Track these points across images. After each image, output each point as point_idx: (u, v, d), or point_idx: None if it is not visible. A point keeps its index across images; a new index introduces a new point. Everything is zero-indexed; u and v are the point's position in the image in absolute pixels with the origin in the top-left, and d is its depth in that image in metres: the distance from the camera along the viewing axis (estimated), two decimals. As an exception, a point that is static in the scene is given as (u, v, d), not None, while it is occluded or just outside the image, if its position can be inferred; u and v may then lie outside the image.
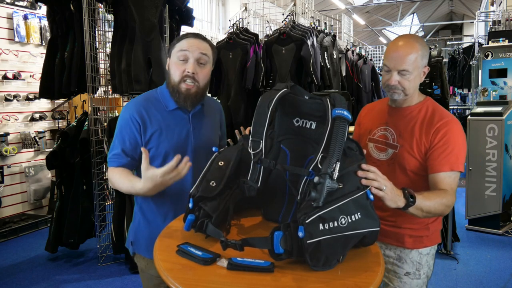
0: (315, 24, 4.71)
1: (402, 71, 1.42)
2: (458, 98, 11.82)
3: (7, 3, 4.27)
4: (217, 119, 1.64)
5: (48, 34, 4.25)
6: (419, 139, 1.45)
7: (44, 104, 4.65)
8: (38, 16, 4.53)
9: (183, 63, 1.41)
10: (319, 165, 1.04)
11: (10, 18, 4.29)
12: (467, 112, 6.62)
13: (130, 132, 1.43)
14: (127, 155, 1.43)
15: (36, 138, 4.51)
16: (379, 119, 1.61)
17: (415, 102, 1.53)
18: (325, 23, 5.10)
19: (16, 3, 4.35)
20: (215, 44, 4.38)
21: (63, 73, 3.39)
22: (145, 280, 1.55)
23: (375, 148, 1.58)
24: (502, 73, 5.19)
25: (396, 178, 1.44)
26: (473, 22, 10.35)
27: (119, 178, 1.38)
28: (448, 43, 12.24)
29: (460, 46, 9.47)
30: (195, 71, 1.41)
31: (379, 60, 10.04)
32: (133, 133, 1.43)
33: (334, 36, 4.78)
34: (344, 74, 4.99)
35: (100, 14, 3.49)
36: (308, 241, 0.94)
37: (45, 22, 4.49)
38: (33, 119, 4.51)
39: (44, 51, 3.68)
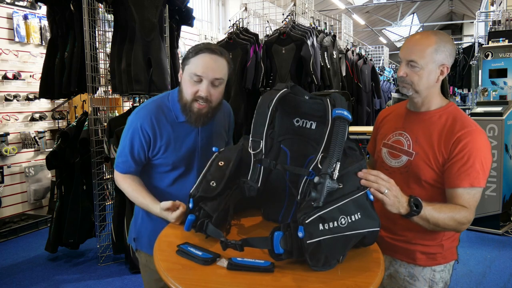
0: (315, 24, 4.72)
1: (411, 62, 1.31)
2: (458, 98, 11.82)
3: (7, 3, 4.27)
4: (226, 124, 1.62)
5: (48, 34, 4.24)
6: (437, 148, 1.33)
7: (44, 104, 4.65)
8: (38, 16, 4.53)
9: (196, 83, 1.37)
10: (319, 165, 1.04)
11: (10, 18, 4.29)
12: (467, 112, 6.63)
13: (139, 143, 1.44)
14: (136, 163, 1.46)
15: (36, 138, 4.51)
16: (396, 123, 1.49)
17: (435, 107, 1.39)
18: (325, 23, 5.10)
19: (16, 3, 4.35)
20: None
21: (63, 73, 3.39)
22: (146, 275, 1.56)
23: (388, 154, 1.46)
24: (502, 73, 5.19)
25: (409, 188, 1.36)
26: (473, 22, 10.35)
27: (132, 192, 1.45)
28: (448, 43, 12.20)
29: (460, 46, 9.46)
30: (208, 94, 1.36)
31: (379, 60, 10.04)
32: (142, 144, 1.44)
33: (334, 36, 4.78)
34: (344, 74, 4.99)
35: (100, 14, 3.49)
36: (308, 241, 0.94)
37: (45, 22, 4.48)
38: (33, 119, 4.51)
39: (44, 51, 3.68)
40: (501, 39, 5.32)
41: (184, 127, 1.47)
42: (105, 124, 3.36)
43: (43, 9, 4.30)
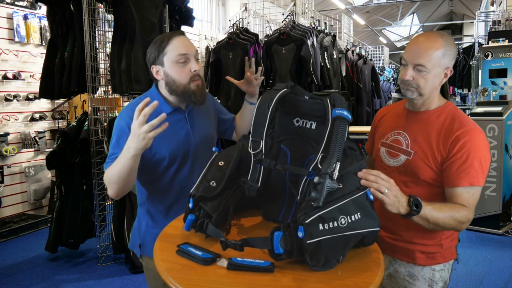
0: (315, 24, 4.72)
1: (418, 66, 1.30)
2: (458, 98, 11.84)
3: (7, 3, 4.27)
4: (210, 107, 1.66)
5: (48, 34, 4.25)
6: (436, 147, 1.33)
7: (44, 104, 4.65)
8: (38, 16, 4.53)
9: (184, 64, 1.44)
10: (319, 165, 1.04)
11: (10, 18, 4.29)
12: (467, 112, 6.63)
13: (125, 142, 1.41)
14: None
15: (36, 138, 4.51)
16: (394, 122, 1.49)
17: (434, 106, 1.40)
18: (325, 23, 5.11)
19: (16, 3, 4.35)
20: (215, 44, 4.39)
21: (63, 73, 3.39)
22: (152, 279, 1.55)
23: (387, 153, 1.46)
24: (502, 73, 5.19)
25: (408, 188, 1.37)
26: (473, 22, 10.36)
27: (112, 168, 1.33)
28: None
29: (460, 46, 9.47)
30: (198, 67, 1.46)
31: (379, 60, 10.04)
32: None
33: (334, 36, 4.78)
34: (344, 74, 5.00)
35: (100, 14, 3.49)
36: (308, 241, 0.94)
37: (45, 22, 4.48)
38: (33, 119, 4.51)
39: (44, 51, 3.68)
40: (501, 39, 5.32)
41: (171, 119, 1.47)
42: (105, 124, 3.36)
43: (43, 9, 4.30)
